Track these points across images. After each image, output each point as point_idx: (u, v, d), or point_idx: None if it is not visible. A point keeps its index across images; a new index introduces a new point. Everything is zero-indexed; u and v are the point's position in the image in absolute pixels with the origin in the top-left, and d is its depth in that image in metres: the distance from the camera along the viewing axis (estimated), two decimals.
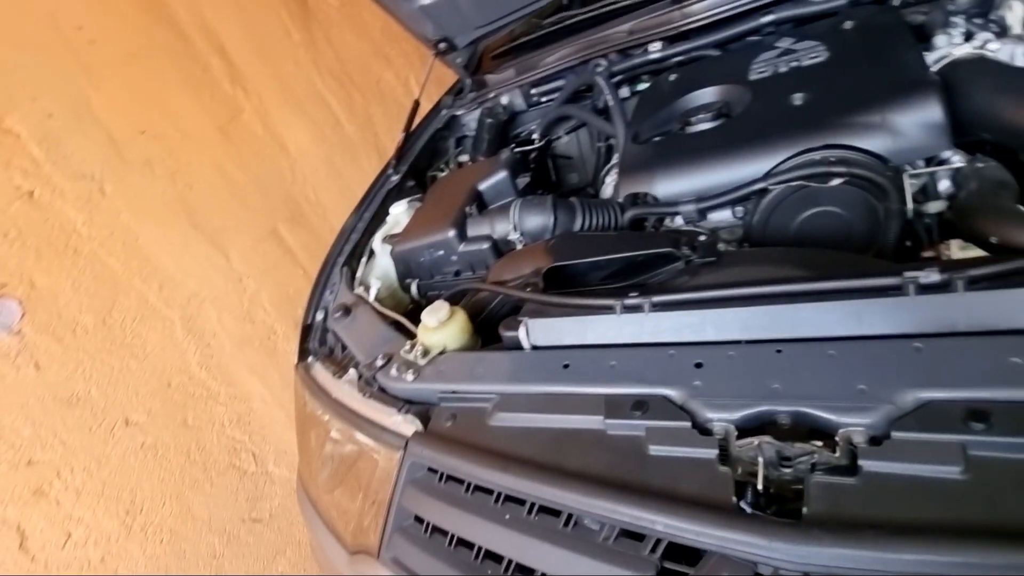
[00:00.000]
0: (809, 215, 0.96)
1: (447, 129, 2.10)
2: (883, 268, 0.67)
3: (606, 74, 1.69)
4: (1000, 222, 0.72)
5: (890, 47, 1.03)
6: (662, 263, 0.91)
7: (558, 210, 1.27)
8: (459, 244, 1.35)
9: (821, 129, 0.93)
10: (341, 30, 3.11)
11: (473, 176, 1.50)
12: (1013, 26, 0.99)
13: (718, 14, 1.49)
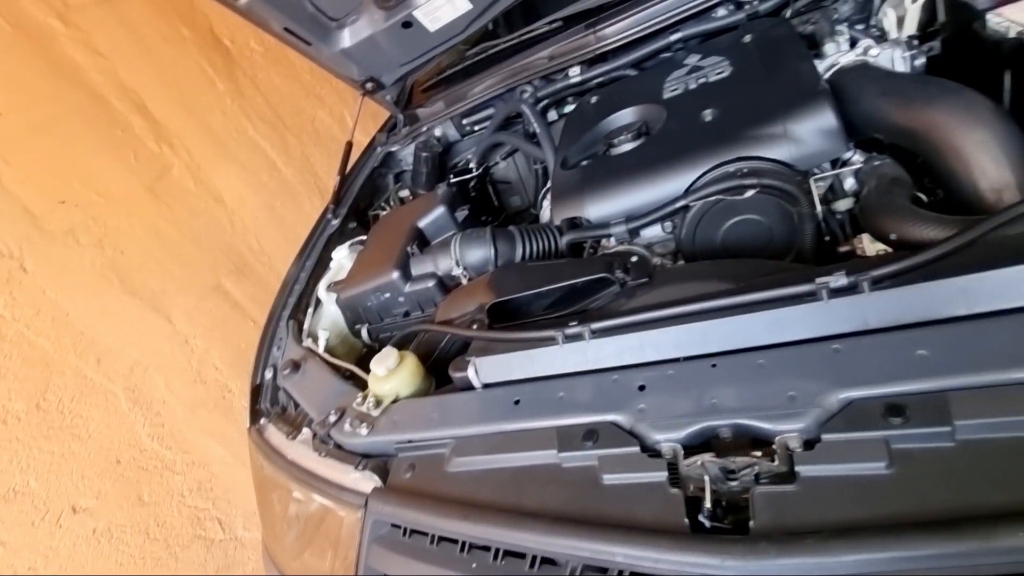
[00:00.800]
0: (732, 224, 1.00)
1: (384, 166, 2.10)
2: (799, 275, 0.71)
3: (532, 100, 1.73)
4: (895, 219, 0.77)
5: (785, 58, 1.09)
6: (599, 288, 0.93)
7: (498, 241, 1.28)
8: (404, 285, 1.34)
9: (731, 143, 0.98)
10: (268, 74, 3.07)
11: (412, 214, 1.49)
12: (890, 31, 1.08)
13: (630, 35, 1.56)
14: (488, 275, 1.13)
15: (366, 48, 1.79)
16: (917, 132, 0.85)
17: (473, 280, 1.20)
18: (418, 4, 1.62)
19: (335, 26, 1.71)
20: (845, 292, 0.68)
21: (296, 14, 1.59)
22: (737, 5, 1.43)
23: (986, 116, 0.78)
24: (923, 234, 0.73)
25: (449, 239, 1.34)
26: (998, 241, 0.65)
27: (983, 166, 0.77)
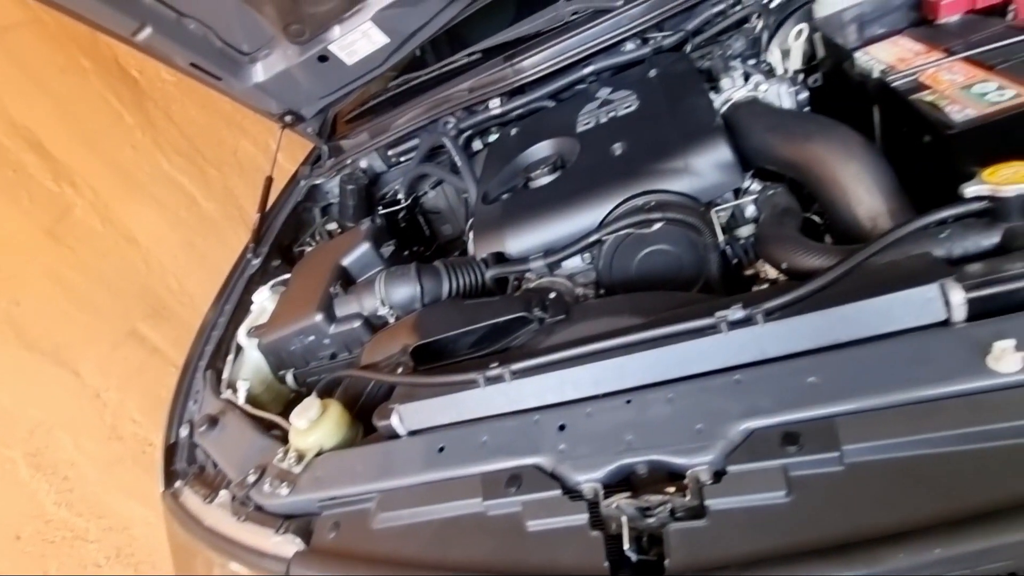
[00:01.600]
0: (644, 255, 1.03)
1: (309, 200, 2.04)
2: (702, 309, 0.74)
3: (454, 132, 1.74)
4: (785, 249, 0.82)
5: (686, 93, 1.16)
6: (520, 325, 0.93)
7: (423, 278, 1.26)
8: (329, 327, 1.30)
9: (639, 177, 1.02)
10: (183, 105, 2.93)
11: (335, 252, 1.45)
12: (777, 67, 1.16)
13: (546, 68, 1.60)
14: (411, 316, 1.11)
15: (282, 82, 1.74)
16: (800, 165, 0.92)
17: (398, 321, 1.18)
18: (333, 39, 1.60)
19: (247, 60, 1.65)
20: (742, 324, 0.71)
21: (202, 49, 1.53)
22: (643, 40, 1.50)
23: (857, 150, 0.85)
24: (809, 263, 0.78)
25: (374, 277, 1.31)
26: (874, 269, 0.70)
27: (858, 196, 0.84)
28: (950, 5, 1.04)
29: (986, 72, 0.87)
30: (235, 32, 1.54)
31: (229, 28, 1.52)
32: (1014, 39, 0.89)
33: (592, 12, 1.59)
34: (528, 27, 1.70)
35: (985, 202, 0.67)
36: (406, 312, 1.28)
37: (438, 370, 0.96)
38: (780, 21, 1.39)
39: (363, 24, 1.57)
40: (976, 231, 0.69)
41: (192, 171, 2.96)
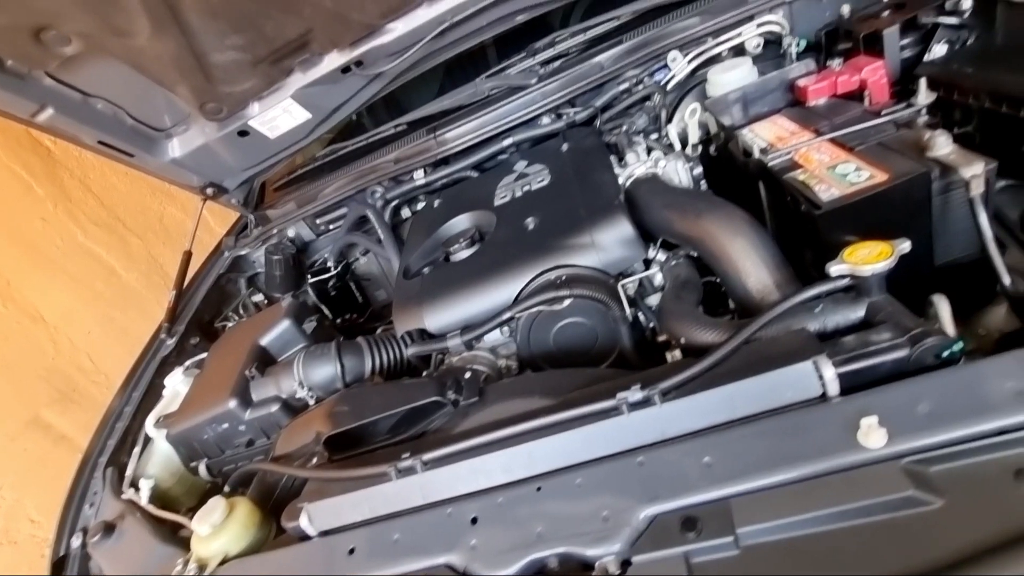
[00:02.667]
0: (560, 328, 1.06)
1: (234, 271, 1.97)
2: (606, 389, 0.76)
3: (381, 201, 1.75)
4: (682, 324, 0.86)
5: (593, 169, 1.22)
6: (435, 409, 0.91)
7: (344, 356, 1.23)
8: (244, 412, 1.23)
9: (550, 252, 1.05)
10: (102, 173, 2.82)
11: (254, 330, 1.40)
12: (675, 143, 1.25)
13: (467, 141, 1.66)
14: (325, 403, 1.07)
15: (201, 156, 1.71)
16: (694, 240, 0.98)
17: (315, 405, 1.14)
18: (252, 115, 1.60)
19: (162, 136, 1.62)
20: (641, 405, 0.73)
21: (112, 127, 1.49)
22: (557, 115, 1.59)
23: (743, 227, 0.92)
24: (702, 339, 0.82)
25: (293, 357, 1.27)
26: (758, 346, 0.74)
27: (747, 269, 0.89)
28: (816, 91, 1.16)
29: (847, 153, 0.97)
30: (148, 110, 1.51)
31: (141, 106, 1.49)
32: (868, 123, 1.00)
33: (509, 88, 1.68)
34: (450, 101, 1.77)
35: (848, 279, 0.73)
36: (327, 393, 1.24)
37: (351, 462, 0.93)
38: (678, 100, 1.52)
39: (283, 101, 1.59)
40: (845, 306, 0.74)
41: (111, 241, 2.82)
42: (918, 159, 0.86)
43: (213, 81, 1.44)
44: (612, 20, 1.66)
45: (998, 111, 0.98)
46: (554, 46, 1.71)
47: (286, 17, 1.33)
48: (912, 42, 1.22)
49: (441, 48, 1.58)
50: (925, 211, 0.84)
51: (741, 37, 1.49)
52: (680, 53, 1.50)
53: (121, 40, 1.25)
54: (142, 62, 1.33)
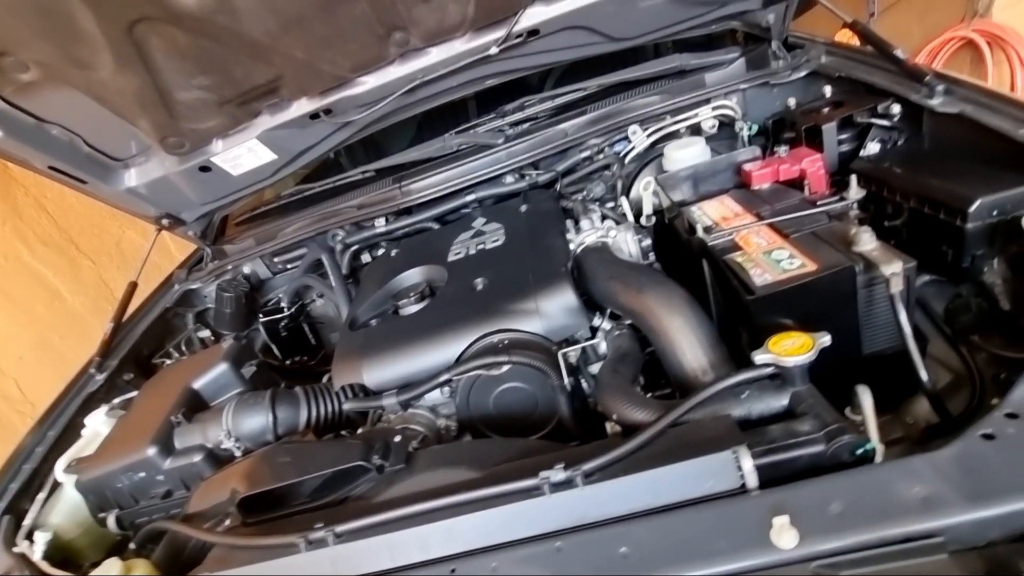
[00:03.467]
0: (500, 391, 1.04)
1: (183, 304, 1.91)
2: (531, 466, 0.74)
3: (341, 245, 1.74)
4: (614, 400, 0.86)
5: (546, 233, 1.24)
6: (360, 473, 0.87)
7: (279, 406, 1.19)
8: (164, 461, 1.16)
9: (495, 315, 1.05)
10: (60, 193, 2.74)
11: (188, 372, 1.34)
12: (628, 214, 1.28)
13: (431, 193, 1.68)
14: (245, 460, 1.02)
15: (159, 187, 1.68)
16: (635, 314, 0.99)
17: (236, 460, 1.08)
18: (216, 152, 1.59)
19: (119, 166, 1.59)
20: (564, 487, 0.71)
21: (65, 154, 1.46)
22: (521, 175, 1.63)
23: (681, 306, 0.94)
24: (633, 417, 0.81)
25: (224, 404, 1.21)
26: (683, 430, 0.74)
27: (682, 347, 0.90)
28: (759, 176, 1.22)
29: (783, 240, 1.00)
30: (106, 139, 1.49)
31: (99, 135, 1.47)
32: (804, 212, 1.05)
33: (477, 146, 1.72)
34: (418, 153, 1.80)
35: (772, 368, 0.74)
36: (256, 444, 1.18)
37: (263, 527, 0.87)
38: (636, 172, 1.58)
39: (248, 141, 1.58)
40: (769, 394, 0.75)
41: (60, 263, 2.72)
42: (846, 252, 0.90)
43: (176, 117, 1.43)
44: (580, 91, 1.73)
45: (921, 211, 1.04)
46: (523, 109, 1.77)
47: (255, 63, 1.34)
48: (850, 137, 1.30)
49: (412, 103, 1.61)
50: (851, 303, 0.87)
51: (698, 118, 1.57)
52: (640, 127, 1.57)
53: (82, 72, 1.24)
54: (103, 94, 1.32)
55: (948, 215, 0.97)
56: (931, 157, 1.13)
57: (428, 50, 1.47)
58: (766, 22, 1.55)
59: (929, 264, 1.07)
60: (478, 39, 1.44)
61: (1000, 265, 0.93)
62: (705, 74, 1.64)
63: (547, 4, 1.40)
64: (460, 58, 1.47)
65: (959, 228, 0.95)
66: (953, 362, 1.01)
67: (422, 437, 1.06)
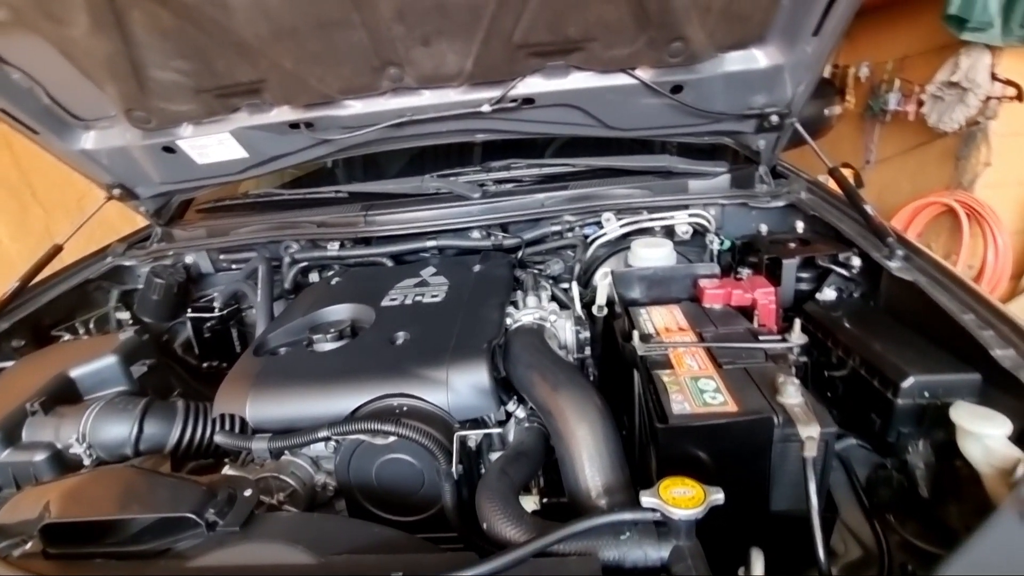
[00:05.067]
0: (384, 462, 0.95)
1: (110, 279, 1.80)
2: (374, 567, 0.64)
3: (289, 259, 1.67)
4: (489, 509, 0.76)
5: (486, 301, 1.18)
6: (189, 525, 0.76)
7: (149, 419, 1.08)
8: (3, 451, 1.03)
9: (403, 377, 0.97)
10: None
11: (70, 356, 1.22)
12: (576, 301, 1.23)
13: (394, 230, 1.63)
14: (73, 478, 0.89)
15: (117, 157, 1.61)
16: (544, 411, 0.92)
17: (72, 474, 0.96)
18: (183, 135, 1.53)
19: (79, 125, 1.52)
20: None
21: (21, 101, 1.39)
22: (487, 234, 1.59)
23: (592, 417, 0.87)
24: (501, 532, 0.72)
25: (92, 403, 1.10)
26: (545, 563, 0.65)
27: (581, 461, 0.83)
28: (711, 296, 1.18)
29: (715, 369, 0.95)
30: (69, 96, 1.43)
31: (63, 90, 1.40)
32: (744, 344, 1.01)
33: (452, 194, 1.69)
34: (393, 187, 1.76)
35: (658, 515, 0.66)
36: (111, 456, 1.06)
37: (60, 563, 0.75)
38: (603, 259, 1.55)
39: (220, 134, 1.53)
40: (649, 542, 0.67)
41: (11, 206, 2.59)
42: (771, 400, 0.84)
43: (147, 93, 1.38)
44: (566, 166, 1.73)
45: (859, 371, 1.00)
46: (508, 170, 1.75)
47: (240, 61, 1.31)
48: (810, 277, 1.28)
49: (398, 137, 1.59)
50: (763, 455, 0.81)
51: (673, 220, 1.56)
52: (615, 216, 1.56)
53: (54, 25, 1.19)
54: (73, 52, 1.27)
55: (882, 384, 0.93)
56: (880, 319, 1.11)
57: (421, 91, 1.45)
58: (757, 146, 1.58)
59: (860, 427, 1.03)
60: (473, 93, 1.44)
61: (925, 448, 0.88)
62: (690, 180, 1.65)
63: (546, 78, 1.40)
64: (452, 107, 1.46)
65: (889, 401, 0.90)
66: (865, 536, 0.95)
67: (291, 491, 0.96)
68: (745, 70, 1.32)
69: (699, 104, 1.44)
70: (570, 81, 1.41)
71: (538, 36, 1.27)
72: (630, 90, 1.40)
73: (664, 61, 1.32)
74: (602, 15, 1.23)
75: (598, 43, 1.29)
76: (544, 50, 1.32)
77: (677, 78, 1.36)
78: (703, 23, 1.22)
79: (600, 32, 1.27)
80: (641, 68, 1.36)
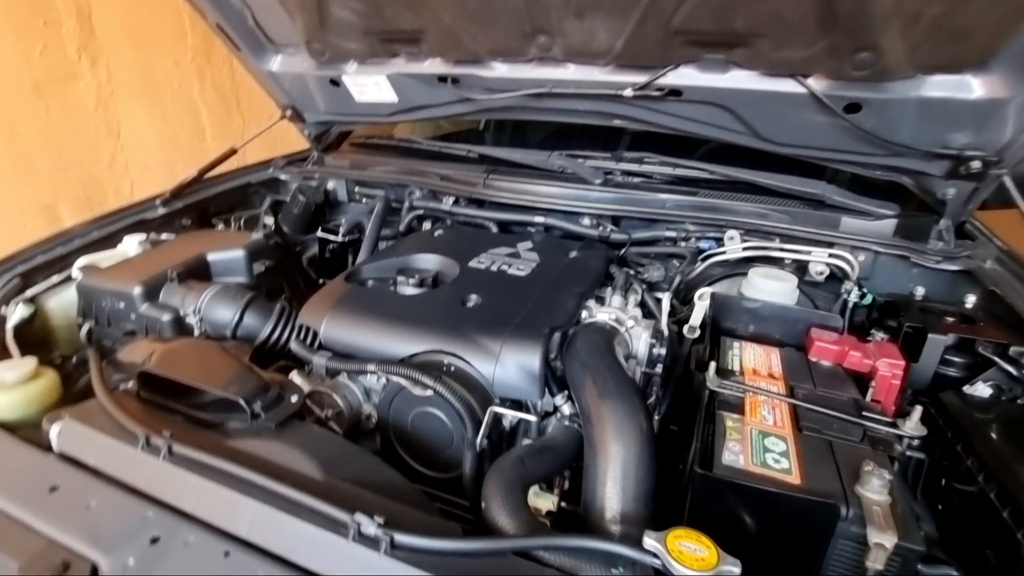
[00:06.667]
0: (419, 413, 0.97)
1: (267, 187, 2.05)
2: (351, 497, 0.66)
3: (408, 204, 1.76)
4: (493, 489, 0.71)
5: (569, 288, 1.13)
6: (240, 409, 0.85)
7: (250, 312, 1.21)
8: (142, 305, 1.23)
9: (459, 337, 0.97)
10: None
11: (211, 242, 1.42)
12: (663, 315, 1.13)
13: (508, 198, 1.63)
14: (178, 342, 1.04)
15: (295, 82, 1.81)
16: (585, 415, 0.85)
17: (186, 338, 1.11)
18: (348, 72, 1.67)
19: (271, 48, 1.73)
20: (367, 542, 0.62)
21: (233, 19, 1.61)
22: (597, 223, 1.53)
23: (631, 436, 0.79)
24: (496, 520, 0.69)
25: (211, 284, 1.26)
26: (527, 567, 0.62)
27: (603, 478, 0.76)
28: (820, 350, 1.01)
29: (791, 430, 0.82)
30: (270, 21, 1.62)
31: (266, 15, 1.60)
32: (842, 415, 0.85)
33: (574, 175, 1.64)
34: (520, 157, 1.76)
35: (659, 562, 0.59)
36: (215, 331, 1.22)
37: (142, 406, 0.88)
38: (710, 280, 1.40)
39: (377, 76, 1.64)
40: None
41: (219, 110, 3.06)
42: (848, 487, 0.70)
43: (325, 28, 1.52)
44: (703, 171, 1.59)
45: (988, 493, 0.79)
46: (640, 163, 1.66)
47: (406, 10, 1.38)
48: (961, 364, 1.04)
49: (534, 108, 1.57)
50: (818, 546, 0.68)
51: (809, 257, 1.36)
52: (739, 235, 1.40)
53: None
54: None
55: (1013, 519, 0.73)
56: None
57: (567, 64, 1.41)
58: (943, 194, 1.30)
59: (970, 561, 0.82)
60: (618, 75, 1.36)
61: None
62: (844, 215, 1.42)
63: (700, 71, 1.28)
64: (595, 86, 1.40)
65: (1018, 543, 0.70)
66: None
67: (339, 411, 1.02)
68: (949, 98, 1.08)
69: (878, 131, 1.22)
70: (727, 79, 1.27)
71: (700, 23, 1.16)
72: (796, 100, 1.23)
73: (844, 72, 1.13)
74: (780, 10, 1.08)
75: (768, 41, 1.14)
76: (704, 40, 1.20)
77: (857, 95, 1.16)
78: (905, 35, 1.02)
79: (773, 29, 1.12)
80: (814, 77, 1.18)
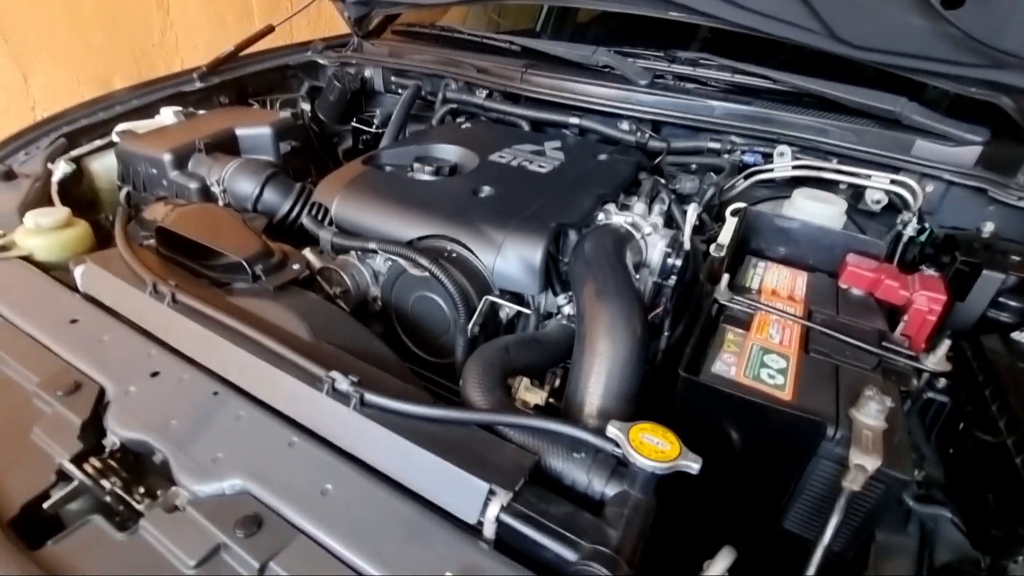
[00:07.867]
0: (420, 296, 0.97)
1: (304, 70, 2.01)
2: (327, 356, 0.68)
3: (442, 96, 1.68)
4: (472, 366, 0.71)
5: (587, 189, 1.07)
6: (241, 271, 0.87)
7: (269, 188, 1.22)
8: (172, 171, 1.27)
9: (465, 226, 0.95)
10: None
11: (241, 119, 1.42)
12: (684, 223, 1.06)
13: (545, 95, 1.52)
14: (195, 205, 1.06)
15: None
16: (580, 310, 0.82)
17: (208, 204, 1.14)
18: None
19: None
20: (339, 397, 0.64)
21: None
22: (636, 128, 1.42)
23: (625, 336, 0.75)
24: (468, 394, 0.70)
25: (234, 159, 1.28)
26: (489, 440, 0.63)
27: (588, 371, 0.75)
28: (853, 275, 0.93)
29: (797, 351, 0.77)
30: None
31: None
32: (860, 343, 0.78)
33: (618, 75, 1.51)
34: (562, 51, 1.62)
35: (620, 451, 0.58)
36: (237, 202, 1.24)
37: (158, 258, 0.92)
38: (750, 200, 1.29)
39: None
40: (600, 473, 0.60)
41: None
42: (840, 407, 0.66)
43: None
44: (764, 79, 1.42)
45: (1006, 443, 0.73)
46: (694, 66, 1.50)
47: None
48: (1015, 309, 0.94)
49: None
50: (798, 462, 0.66)
51: (868, 182, 1.22)
52: (791, 152, 1.27)
53: None
54: None
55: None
56: None
57: None
58: None
59: (970, 506, 0.78)
60: None
61: None
62: (919, 138, 1.25)
63: None
64: None
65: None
66: None
67: (345, 289, 1.04)
68: None
69: (982, 33, 1.03)
70: None
71: None
72: None
73: None
74: None
75: None
76: None
77: None
78: None
79: None
80: None
